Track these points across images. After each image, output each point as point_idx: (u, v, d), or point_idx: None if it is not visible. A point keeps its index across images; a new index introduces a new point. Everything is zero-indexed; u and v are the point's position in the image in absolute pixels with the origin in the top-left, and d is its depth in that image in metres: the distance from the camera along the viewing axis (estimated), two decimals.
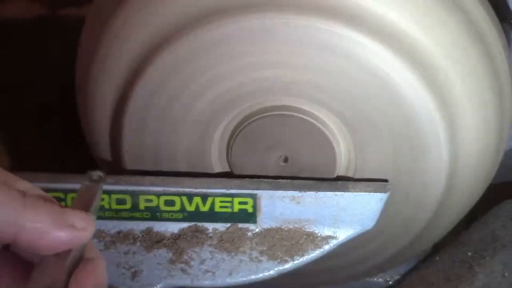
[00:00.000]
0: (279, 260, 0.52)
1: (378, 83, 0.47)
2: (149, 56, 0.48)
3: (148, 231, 0.53)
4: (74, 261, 0.36)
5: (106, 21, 0.51)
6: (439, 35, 0.47)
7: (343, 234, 0.53)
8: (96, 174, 0.38)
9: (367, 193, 0.50)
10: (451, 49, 0.47)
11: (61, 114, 0.76)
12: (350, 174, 0.53)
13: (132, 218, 0.52)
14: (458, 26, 0.47)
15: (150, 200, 0.51)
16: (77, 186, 0.48)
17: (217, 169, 0.54)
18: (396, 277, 0.70)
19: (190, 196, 0.51)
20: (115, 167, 0.55)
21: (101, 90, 0.52)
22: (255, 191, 0.51)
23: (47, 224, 0.33)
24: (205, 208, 0.51)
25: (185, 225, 0.53)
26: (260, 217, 0.52)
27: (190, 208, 0.51)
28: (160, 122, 0.51)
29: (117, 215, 0.52)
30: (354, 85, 0.47)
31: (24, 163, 0.76)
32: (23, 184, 0.35)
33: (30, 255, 0.35)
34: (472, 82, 0.49)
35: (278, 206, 0.51)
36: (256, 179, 0.52)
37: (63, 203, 0.46)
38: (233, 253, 0.52)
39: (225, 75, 0.48)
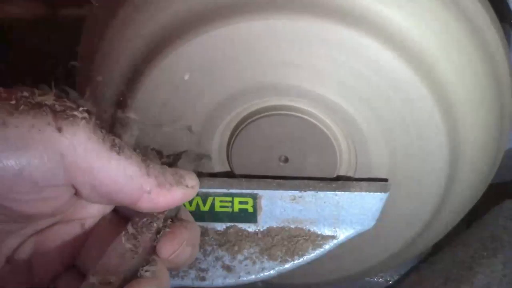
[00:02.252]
0: (279, 260, 0.52)
1: (379, 83, 0.47)
2: (149, 57, 0.48)
3: None
4: (167, 219, 0.41)
5: (107, 21, 0.51)
6: (439, 34, 0.47)
7: (343, 234, 0.53)
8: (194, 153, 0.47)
9: (367, 193, 0.50)
10: (451, 49, 0.47)
11: None
12: (350, 174, 0.53)
13: None
14: (458, 26, 0.47)
15: None
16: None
17: (217, 168, 0.54)
18: (396, 277, 0.70)
19: None
20: None
21: (101, 91, 0.53)
22: (255, 191, 0.51)
23: (168, 185, 0.40)
24: (205, 208, 0.52)
25: None
26: (260, 216, 0.52)
27: (191, 208, 0.51)
28: (160, 122, 0.51)
29: None
30: (355, 84, 0.47)
31: None
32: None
33: (130, 212, 0.41)
34: (472, 82, 0.49)
35: (278, 206, 0.51)
36: (256, 179, 0.52)
37: None
38: (233, 253, 0.52)
39: (226, 75, 0.48)
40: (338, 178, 0.52)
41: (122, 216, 0.43)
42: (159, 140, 0.51)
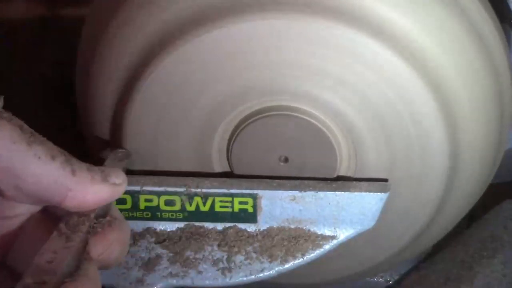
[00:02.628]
0: (279, 260, 0.52)
1: (380, 83, 0.47)
2: (149, 57, 0.48)
3: (148, 231, 0.53)
4: (98, 217, 0.40)
5: (106, 21, 0.51)
6: (439, 34, 0.47)
7: (343, 234, 0.53)
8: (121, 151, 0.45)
9: (367, 193, 0.50)
10: (451, 49, 0.47)
11: (60, 114, 0.77)
12: (350, 174, 0.53)
13: (132, 218, 0.52)
14: (458, 26, 0.47)
15: (150, 200, 0.51)
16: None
17: (217, 169, 0.54)
18: (396, 277, 0.70)
19: (190, 196, 0.51)
20: None
21: (100, 91, 0.53)
22: (255, 191, 0.51)
23: (94, 183, 0.39)
24: (205, 208, 0.51)
25: (185, 225, 0.53)
26: (260, 217, 0.52)
27: (190, 208, 0.51)
28: (160, 122, 0.51)
29: None
30: (355, 84, 0.47)
31: None
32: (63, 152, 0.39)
33: (61, 212, 0.40)
34: (472, 82, 0.49)
35: (278, 206, 0.51)
36: (256, 179, 0.52)
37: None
38: (233, 253, 0.52)
39: (226, 75, 0.48)
40: (338, 178, 0.52)
41: (52, 215, 0.43)
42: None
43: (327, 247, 0.53)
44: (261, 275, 0.52)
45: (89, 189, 0.39)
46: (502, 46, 0.51)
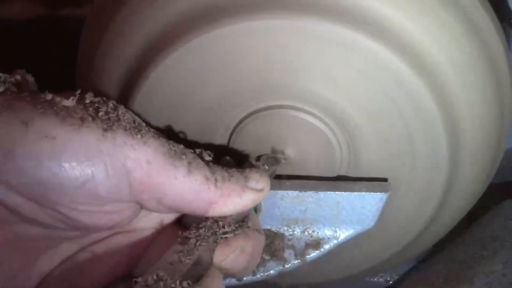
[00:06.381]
0: (279, 260, 0.52)
1: (378, 82, 0.47)
2: (149, 57, 0.48)
3: None
4: (235, 222, 0.40)
5: (107, 21, 0.51)
6: (439, 34, 0.47)
7: (343, 234, 0.53)
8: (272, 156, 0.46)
9: (367, 192, 0.50)
10: (451, 49, 0.47)
11: None
12: (350, 174, 0.53)
13: None
14: (458, 26, 0.47)
15: None
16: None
17: None
18: (396, 277, 0.70)
19: None
20: None
21: (101, 91, 0.52)
22: None
23: (236, 193, 0.39)
24: None
25: None
26: (260, 217, 0.52)
27: None
28: (160, 122, 0.51)
29: None
30: (355, 84, 0.47)
31: None
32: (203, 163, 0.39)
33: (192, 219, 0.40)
34: (472, 82, 0.49)
35: (278, 206, 0.51)
36: None
37: None
38: None
39: (226, 74, 0.48)
40: (338, 178, 0.52)
41: (184, 223, 0.43)
42: None
43: (327, 247, 0.53)
44: (261, 275, 0.52)
45: (231, 199, 0.39)
46: (502, 46, 0.51)
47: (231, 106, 0.50)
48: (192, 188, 0.37)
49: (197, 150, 0.41)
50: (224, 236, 0.39)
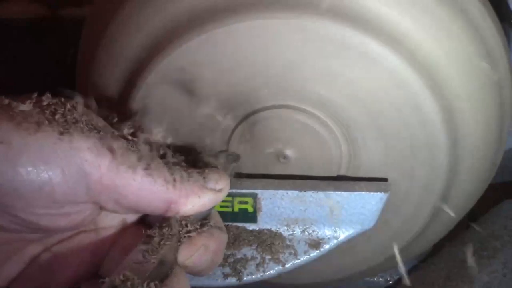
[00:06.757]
0: (279, 260, 0.52)
1: (379, 83, 0.47)
2: (149, 57, 0.48)
3: None
4: (197, 222, 0.40)
5: (106, 21, 0.51)
6: (439, 34, 0.47)
7: (343, 234, 0.53)
8: (232, 154, 0.45)
9: (367, 192, 0.50)
10: (451, 49, 0.47)
11: None
12: (350, 174, 0.53)
13: None
14: (458, 26, 0.47)
15: None
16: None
17: None
18: (396, 277, 0.70)
19: None
20: None
21: (101, 92, 0.52)
22: (255, 191, 0.51)
23: (195, 193, 0.39)
24: None
25: None
26: (260, 216, 0.52)
27: None
28: (160, 122, 0.51)
29: None
30: (356, 84, 0.47)
31: None
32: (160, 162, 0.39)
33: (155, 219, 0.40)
34: (472, 82, 0.49)
35: (278, 206, 0.51)
36: (256, 179, 0.52)
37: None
38: (233, 253, 0.52)
39: (226, 75, 0.48)
40: (338, 178, 0.52)
41: (148, 222, 0.43)
42: None
43: (327, 247, 0.53)
44: (261, 275, 0.52)
45: (190, 199, 0.39)
46: (502, 46, 0.51)
47: (231, 106, 0.50)
48: (150, 189, 0.37)
49: (161, 150, 0.41)
50: (187, 234, 0.39)
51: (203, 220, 0.41)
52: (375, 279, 0.71)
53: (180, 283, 0.36)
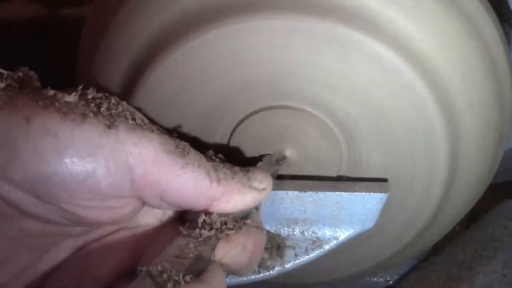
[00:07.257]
0: (279, 260, 0.52)
1: (379, 83, 0.47)
2: (149, 57, 0.48)
3: None
4: (236, 220, 0.40)
5: (107, 21, 0.51)
6: (439, 34, 0.47)
7: (343, 234, 0.53)
8: (276, 155, 0.46)
9: (367, 193, 0.50)
10: (450, 49, 0.47)
11: None
12: (350, 174, 0.53)
13: None
14: (458, 26, 0.47)
15: None
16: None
17: None
18: (396, 277, 0.70)
19: None
20: None
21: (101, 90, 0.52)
22: None
23: (238, 191, 0.39)
24: None
25: None
26: (260, 216, 0.52)
27: None
28: (160, 122, 0.51)
29: None
30: (356, 84, 0.47)
31: None
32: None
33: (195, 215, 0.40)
34: (472, 82, 0.49)
35: (278, 206, 0.51)
36: None
37: None
38: None
39: (226, 74, 0.48)
40: (338, 178, 0.52)
41: (187, 219, 0.43)
42: None
43: (327, 247, 0.53)
44: (261, 275, 0.52)
45: (233, 197, 0.39)
46: (502, 46, 0.51)
47: (232, 106, 0.50)
48: (194, 185, 0.38)
49: (205, 150, 0.41)
50: (225, 232, 0.39)
51: (242, 219, 0.41)
52: (375, 279, 0.71)
53: (215, 279, 0.36)
